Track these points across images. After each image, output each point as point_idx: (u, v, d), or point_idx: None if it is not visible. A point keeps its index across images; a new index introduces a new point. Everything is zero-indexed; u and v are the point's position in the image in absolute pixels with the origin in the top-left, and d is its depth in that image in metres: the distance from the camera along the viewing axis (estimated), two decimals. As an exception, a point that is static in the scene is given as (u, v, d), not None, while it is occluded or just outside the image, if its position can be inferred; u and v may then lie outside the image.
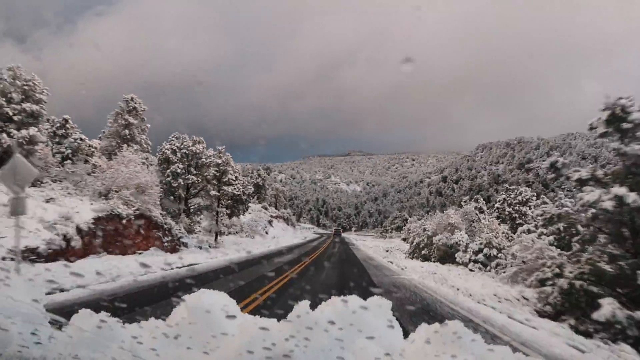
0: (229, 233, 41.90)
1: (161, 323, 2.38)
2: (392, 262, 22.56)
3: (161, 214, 21.27)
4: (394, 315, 2.42)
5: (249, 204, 52.46)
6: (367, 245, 46.18)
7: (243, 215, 49.09)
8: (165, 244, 20.32)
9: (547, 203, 28.73)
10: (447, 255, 22.27)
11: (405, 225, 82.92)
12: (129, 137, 23.50)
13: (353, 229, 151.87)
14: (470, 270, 17.84)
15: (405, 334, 2.48)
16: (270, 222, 58.30)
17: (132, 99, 24.38)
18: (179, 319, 2.33)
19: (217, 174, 32.76)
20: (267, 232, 50.06)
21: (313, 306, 2.36)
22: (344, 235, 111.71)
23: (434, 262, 23.31)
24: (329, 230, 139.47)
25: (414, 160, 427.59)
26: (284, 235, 54.86)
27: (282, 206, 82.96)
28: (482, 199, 58.96)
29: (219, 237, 37.37)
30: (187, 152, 35.39)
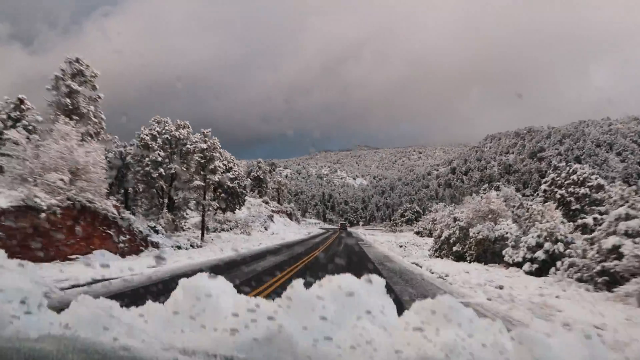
0: (223, 229, 37.17)
1: (160, 306, 2.44)
2: (418, 265, 17.64)
3: (116, 205, 16.49)
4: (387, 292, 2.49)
5: (246, 198, 47.67)
6: (378, 240, 41.39)
7: (239, 209, 44.26)
8: (121, 245, 15.57)
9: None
10: (488, 252, 17.33)
11: (417, 218, 77.55)
12: (71, 107, 18.79)
13: (361, 223, 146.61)
14: (528, 273, 12.98)
15: (400, 311, 2.52)
16: (270, 217, 53.58)
17: (77, 60, 19.59)
18: (177, 301, 2.42)
19: (202, 161, 27.95)
20: (266, 228, 45.38)
21: (307, 286, 2.44)
22: (351, 229, 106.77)
23: (470, 261, 18.58)
24: (335, 225, 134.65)
25: (420, 153, 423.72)
26: (286, 231, 50.18)
27: (285, 200, 78.17)
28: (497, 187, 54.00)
29: (207, 235, 32.57)
30: (169, 137, 30.65)
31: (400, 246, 32.28)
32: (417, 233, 53.47)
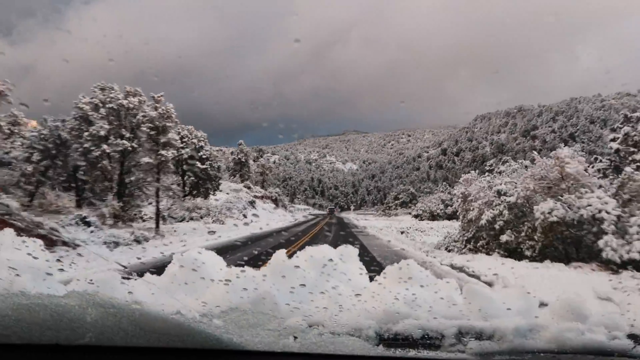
0: (192, 218, 31.75)
1: (156, 278, 2.63)
2: (464, 271, 11.66)
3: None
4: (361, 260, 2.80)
5: (222, 182, 42.19)
6: (375, 226, 35.14)
7: (213, 195, 38.72)
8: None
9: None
10: (566, 244, 11.32)
11: (411, 200, 72.59)
12: None
13: (352, 207, 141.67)
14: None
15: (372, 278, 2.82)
16: (252, 203, 48.15)
17: None
18: (173, 272, 2.63)
19: (152, 133, 22.39)
20: (245, 215, 39.99)
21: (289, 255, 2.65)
22: (342, 215, 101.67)
23: (532, 258, 12.56)
24: (325, 211, 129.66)
25: (409, 136, 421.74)
26: (268, 219, 44.91)
27: (270, 185, 72.68)
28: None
29: (168, 225, 27.14)
30: (115, 107, 24.97)
31: (402, 232, 27.30)
32: (416, 216, 48.66)
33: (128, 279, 2.45)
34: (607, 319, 2.12)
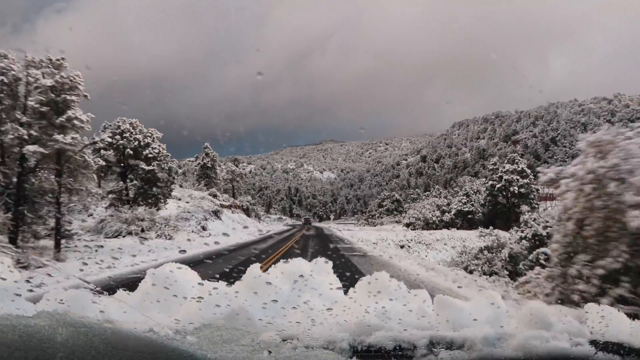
0: (129, 233, 24.57)
1: (128, 295, 2.55)
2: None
3: None
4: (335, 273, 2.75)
5: (174, 186, 34.96)
6: (365, 239, 26.11)
7: (164, 203, 31.40)
8: None
9: None
10: None
11: (397, 208, 66.17)
12: None
13: (331, 217, 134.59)
14: None
15: (345, 279, 2.85)
16: (216, 213, 40.91)
17: None
18: (145, 289, 2.56)
19: (43, 110, 15.29)
20: (204, 228, 32.77)
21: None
22: (321, 225, 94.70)
23: None
24: (303, 221, 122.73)
25: (387, 144, 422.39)
26: (235, 231, 37.80)
27: (242, 194, 65.35)
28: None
29: (90, 243, 20.01)
30: (6, 81, 17.81)
31: (402, 246, 20.85)
32: (408, 225, 42.25)
33: (99, 296, 2.38)
34: (569, 326, 2.27)
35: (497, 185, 45.01)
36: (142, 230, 25.33)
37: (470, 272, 17.25)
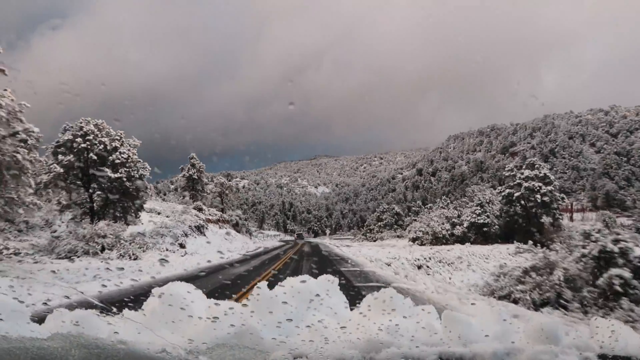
0: (86, 252, 20.38)
1: (135, 313, 2.53)
2: None
3: None
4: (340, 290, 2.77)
5: (145, 197, 30.84)
6: (371, 257, 21.64)
7: (134, 216, 27.17)
8: None
9: None
10: None
11: (397, 221, 61.85)
12: None
13: (327, 232, 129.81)
14: None
15: (352, 306, 2.84)
16: (200, 228, 36.70)
17: None
18: (152, 308, 2.55)
19: None
20: (182, 245, 28.49)
21: (270, 286, 2.62)
22: (316, 240, 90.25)
23: None
24: (303, 236, 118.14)
25: (382, 159, 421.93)
26: (223, 248, 33.62)
27: (231, 208, 61.05)
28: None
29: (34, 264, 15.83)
30: None
31: (419, 267, 16.70)
32: (414, 240, 37.84)
33: (109, 315, 2.38)
34: (578, 341, 2.30)
35: (516, 194, 39.92)
36: (103, 249, 21.09)
37: (515, 301, 13.29)
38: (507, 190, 40.13)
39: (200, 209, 44.64)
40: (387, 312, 2.60)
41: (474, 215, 38.45)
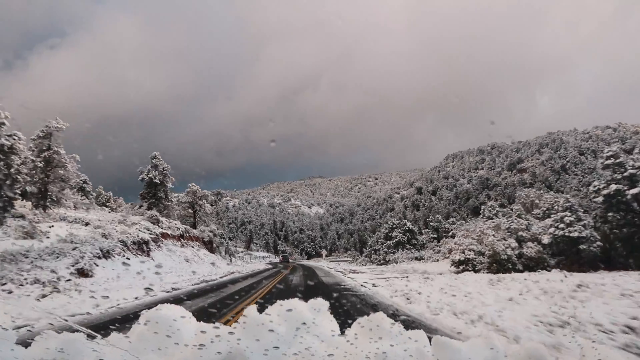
0: None
1: (122, 336, 2.49)
2: None
3: None
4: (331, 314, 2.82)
5: (17, 198, 19.25)
6: (461, 309, 9.16)
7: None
8: None
9: None
10: None
11: (410, 240, 49.76)
12: None
13: (323, 253, 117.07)
14: None
15: (342, 330, 2.78)
16: (142, 245, 25.10)
17: None
18: (140, 332, 2.51)
19: None
20: (84, 273, 16.81)
21: (260, 310, 2.64)
22: (310, 264, 78.26)
23: None
24: (290, 259, 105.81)
25: (376, 179, 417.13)
26: (174, 273, 22.13)
27: (204, 222, 49.16)
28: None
29: None
30: None
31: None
32: (460, 263, 25.37)
33: (93, 340, 2.24)
34: None
35: (630, 192, 24.98)
36: None
37: None
38: (614, 187, 25.46)
39: (157, 220, 32.96)
40: (374, 339, 2.55)
41: (561, 225, 26.02)
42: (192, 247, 37.17)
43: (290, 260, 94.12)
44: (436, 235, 46.07)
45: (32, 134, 26.50)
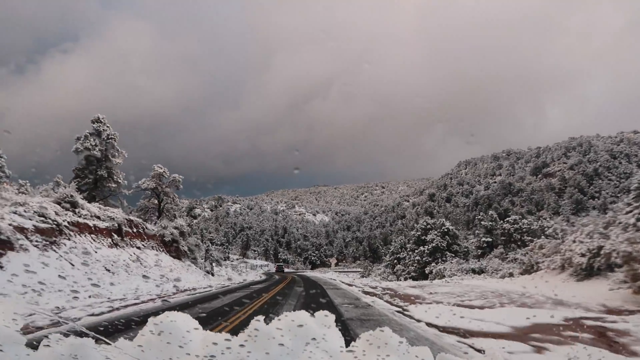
0: None
1: (129, 343, 2.43)
2: None
3: None
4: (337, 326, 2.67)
5: None
6: None
7: None
8: None
9: None
10: None
11: (450, 246, 36.65)
12: None
13: (332, 262, 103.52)
14: None
15: (348, 342, 2.76)
16: (5, 242, 12.33)
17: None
18: (146, 338, 2.45)
19: None
20: None
21: (268, 321, 2.64)
22: (315, 275, 65.59)
23: None
24: (291, 268, 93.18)
25: (383, 187, 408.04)
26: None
27: (174, 215, 36.57)
28: None
29: None
30: None
31: None
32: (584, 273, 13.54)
33: (101, 344, 2.23)
34: None
35: None
36: None
37: None
38: None
39: (71, 204, 20.40)
40: (381, 356, 2.56)
41: None
42: (139, 248, 24.50)
43: (285, 270, 79.49)
44: (490, 239, 33.57)
45: None
